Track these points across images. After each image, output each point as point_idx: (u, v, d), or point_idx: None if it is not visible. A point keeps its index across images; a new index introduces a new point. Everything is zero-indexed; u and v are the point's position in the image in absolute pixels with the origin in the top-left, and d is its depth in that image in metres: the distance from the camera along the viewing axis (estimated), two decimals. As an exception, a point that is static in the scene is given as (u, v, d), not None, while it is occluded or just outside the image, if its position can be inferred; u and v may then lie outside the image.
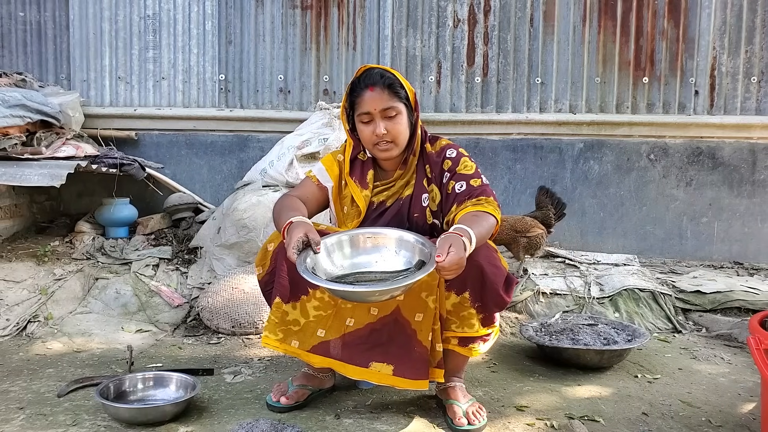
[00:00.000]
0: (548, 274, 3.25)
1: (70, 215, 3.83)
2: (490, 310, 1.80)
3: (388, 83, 1.85)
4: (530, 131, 3.83)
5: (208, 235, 3.29)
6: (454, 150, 1.95)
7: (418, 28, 3.85)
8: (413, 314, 1.80)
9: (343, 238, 1.80)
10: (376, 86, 1.84)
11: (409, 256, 1.75)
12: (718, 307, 2.97)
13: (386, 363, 1.79)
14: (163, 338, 2.72)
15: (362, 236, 1.81)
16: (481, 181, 1.87)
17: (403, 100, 1.87)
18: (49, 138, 3.36)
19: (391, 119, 1.86)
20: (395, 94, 1.85)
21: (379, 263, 1.77)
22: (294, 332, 1.87)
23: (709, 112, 3.78)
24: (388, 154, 1.90)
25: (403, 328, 1.80)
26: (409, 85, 1.92)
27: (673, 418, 1.93)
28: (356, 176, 1.98)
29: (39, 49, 3.93)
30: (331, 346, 1.84)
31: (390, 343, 1.80)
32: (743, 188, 3.77)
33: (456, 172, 1.89)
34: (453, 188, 1.87)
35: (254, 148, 3.88)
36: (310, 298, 1.85)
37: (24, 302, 2.85)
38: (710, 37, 3.74)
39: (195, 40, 3.91)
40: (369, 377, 1.81)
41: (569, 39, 3.80)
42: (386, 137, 1.86)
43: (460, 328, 1.80)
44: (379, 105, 1.84)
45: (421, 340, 1.78)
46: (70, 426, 1.80)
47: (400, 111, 1.86)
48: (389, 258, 1.77)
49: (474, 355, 1.85)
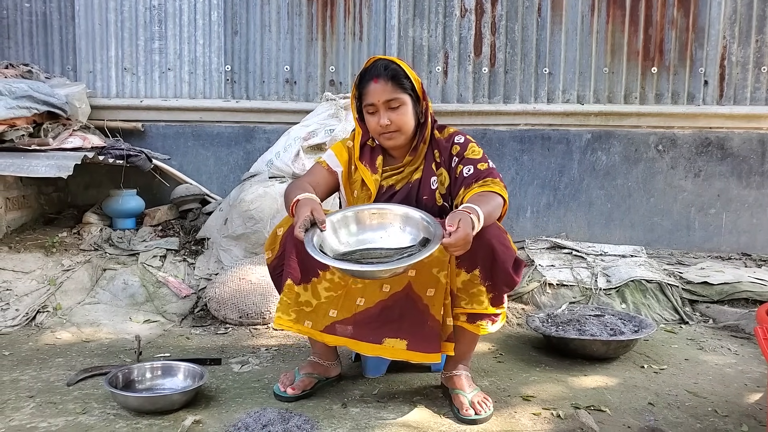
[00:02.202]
0: (555, 265, 3.24)
1: (77, 206, 3.85)
2: (500, 290, 1.82)
3: (392, 75, 1.88)
4: (538, 122, 3.81)
5: (215, 226, 3.30)
6: (462, 136, 1.99)
7: (424, 18, 3.83)
8: (425, 289, 1.82)
9: (348, 215, 1.83)
10: (380, 78, 1.88)
11: (415, 233, 1.77)
12: (726, 298, 2.96)
13: (399, 338, 1.82)
14: (170, 328, 2.73)
15: (368, 212, 1.84)
16: (488, 165, 1.91)
17: (407, 91, 1.90)
18: (56, 129, 3.37)
19: (395, 110, 1.89)
20: (399, 86, 1.88)
21: (384, 239, 1.79)
22: (307, 313, 1.89)
23: (718, 103, 3.75)
24: (393, 142, 1.94)
25: (415, 303, 1.82)
26: (416, 76, 1.94)
27: (679, 408, 1.92)
28: (366, 161, 2.01)
29: (45, 40, 3.94)
30: (344, 325, 1.87)
31: (402, 318, 1.83)
32: (752, 179, 3.74)
33: (464, 157, 1.93)
34: (461, 172, 1.91)
35: (261, 139, 3.88)
36: (320, 279, 1.87)
37: (33, 293, 2.87)
38: (720, 26, 3.70)
39: (201, 31, 3.90)
40: (383, 353, 1.83)
41: (577, 29, 3.78)
42: (390, 127, 1.89)
43: (469, 304, 1.82)
44: (383, 96, 1.87)
45: (434, 314, 1.81)
46: (80, 414, 1.82)
47: (404, 102, 1.89)
48: (394, 234, 1.79)
49: (481, 332, 1.85)
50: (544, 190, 3.83)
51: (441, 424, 1.80)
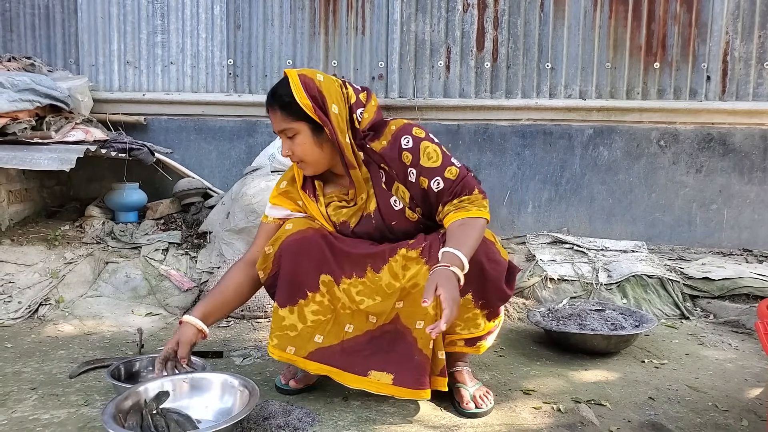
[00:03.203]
0: (556, 260, 3.25)
1: (79, 200, 3.86)
2: (494, 305, 1.77)
3: (280, 104, 1.71)
4: (540, 117, 3.81)
5: (217, 220, 3.31)
6: (408, 137, 1.75)
7: (427, 13, 3.83)
8: (414, 321, 1.73)
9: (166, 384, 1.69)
10: (270, 107, 1.74)
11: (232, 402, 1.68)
12: (727, 293, 2.96)
13: (386, 372, 1.72)
14: (172, 321, 2.74)
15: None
16: (456, 171, 1.72)
17: (301, 119, 1.70)
18: (59, 122, 3.37)
19: (291, 139, 1.74)
20: (289, 114, 1.70)
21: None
22: (290, 338, 1.79)
23: (720, 98, 3.74)
24: (307, 171, 1.83)
25: (404, 336, 1.73)
26: (314, 97, 1.69)
27: (679, 403, 1.93)
28: (309, 190, 1.88)
29: (47, 33, 3.94)
30: (329, 352, 1.77)
31: (390, 350, 1.74)
32: (754, 175, 3.74)
33: (421, 166, 1.72)
34: (429, 186, 1.73)
35: (263, 133, 3.88)
36: (308, 302, 1.79)
37: (35, 285, 2.88)
38: (723, 21, 3.69)
39: (203, 25, 3.90)
40: (367, 386, 1.73)
41: (580, 24, 3.77)
42: (294, 158, 1.77)
43: (466, 330, 1.77)
44: (277, 126, 1.75)
45: (422, 348, 1.70)
46: (82, 406, 1.83)
47: (298, 131, 1.72)
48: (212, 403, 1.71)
49: (482, 351, 1.84)
50: (545, 185, 3.83)
51: (442, 417, 1.80)
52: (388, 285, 1.75)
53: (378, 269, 1.77)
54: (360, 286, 1.78)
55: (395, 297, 1.75)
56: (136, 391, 1.64)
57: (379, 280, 1.76)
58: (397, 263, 1.76)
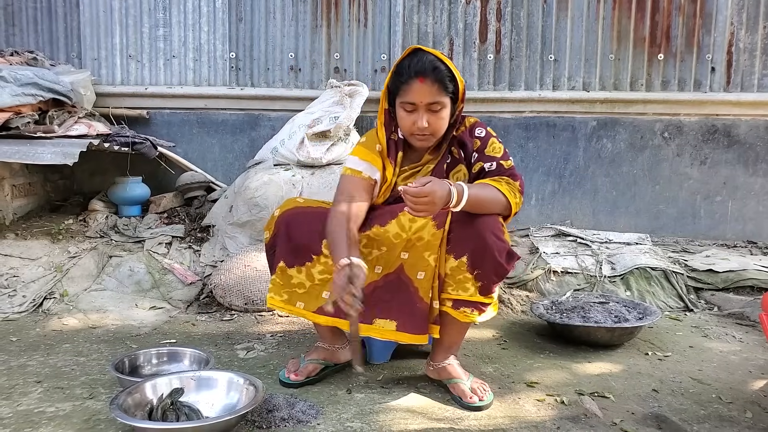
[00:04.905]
0: (560, 252, 3.24)
1: (83, 194, 3.86)
2: (489, 279, 1.78)
3: (439, 77, 1.77)
4: (543, 109, 3.80)
5: (220, 214, 3.31)
6: (482, 129, 1.93)
7: (429, 5, 3.81)
8: (416, 272, 1.84)
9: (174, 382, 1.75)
10: (426, 78, 1.76)
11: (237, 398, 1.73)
12: (731, 285, 2.96)
13: (389, 319, 1.85)
14: (176, 315, 2.75)
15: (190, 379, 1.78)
16: (511, 164, 1.88)
17: (450, 94, 1.80)
18: (62, 116, 3.37)
19: (435, 113, 1.80)
20: (444, 89, 1.78)
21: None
22: (299, 294, 1.91)
23: (725, 90, 3.72)
24: (424, 144, 1.88)
25: (406, 285, 1.85)
26: (460, 76, 1.84)
27: (683, 395, 1.93)
28: (392, 157, 1.94)
29: (50, 27, 3.93)
30: (337, 305, 1.80)
31: (392, 300, 1.85)
32: (759, 166, 3.72)
33: (484, 153, 1.88)
34: (481, 168, 1.87)
35: (265, 126, 3.88)
36: (314, 263, 1.88)
37: (39, 279, 2.89)
38: (728, 12, 3.66)
39: (205, 18, 3.89)
40: (373, 333, 1.86)
41: (583, 15, 3.74)
42: (426, 130, 1.81)
43: (455, 290, 1.81)
44: (426, 98, 1.77)
45: (422, 297, 1.83)
46: (87, 399, 1.83)
47: (445, 105, 1.80)
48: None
49: (465, 320, 1.82)
50: (549, 177, 3.82)
51: (445, 410, 1.81)
52: (395, 235, 1.85)
53: (384, 223, 1.87)
54: (364, 240, 1.88)
55: (401, 247, 1.85)
56: (143, 386, 1.69)
57: (385, 232, 1.86)
58: (405, 217, 1.84)
